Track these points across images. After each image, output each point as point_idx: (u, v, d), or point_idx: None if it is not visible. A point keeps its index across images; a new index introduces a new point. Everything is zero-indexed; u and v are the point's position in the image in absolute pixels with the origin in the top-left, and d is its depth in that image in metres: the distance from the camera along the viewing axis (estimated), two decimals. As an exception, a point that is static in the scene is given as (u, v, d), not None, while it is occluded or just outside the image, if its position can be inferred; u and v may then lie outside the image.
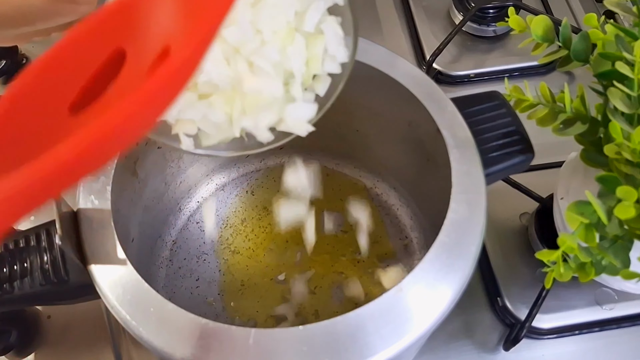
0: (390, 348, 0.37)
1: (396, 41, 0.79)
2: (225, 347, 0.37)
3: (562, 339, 0.58)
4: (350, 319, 0.38)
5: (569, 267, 0.42)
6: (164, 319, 0.38)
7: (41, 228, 0.42)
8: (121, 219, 0.45)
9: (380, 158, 0.60)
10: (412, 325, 0.38)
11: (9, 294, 0.41)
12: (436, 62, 0.75)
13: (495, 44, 0.78)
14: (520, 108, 0.48)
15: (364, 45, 0.50)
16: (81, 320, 0.58)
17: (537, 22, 0.47)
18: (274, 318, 0.56)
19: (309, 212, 0.53)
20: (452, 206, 0.42)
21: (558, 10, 0.81)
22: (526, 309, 0.57)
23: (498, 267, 0.60)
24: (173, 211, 0.62)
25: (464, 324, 0.59)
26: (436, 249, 0.41)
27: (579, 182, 0.51)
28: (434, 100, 0.48)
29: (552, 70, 0.76)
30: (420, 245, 0.60)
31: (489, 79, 0.76)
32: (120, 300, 0.39)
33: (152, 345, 0.38)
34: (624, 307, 0.58)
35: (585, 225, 0.41)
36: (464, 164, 0.45)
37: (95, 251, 0.41)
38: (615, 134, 0.40)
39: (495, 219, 0.62)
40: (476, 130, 0.47)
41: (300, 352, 0.37)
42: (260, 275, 0.59)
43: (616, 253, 0.42)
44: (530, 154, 0.48)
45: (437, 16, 0.80)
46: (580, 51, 0.47)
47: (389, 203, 0.63)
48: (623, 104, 0.41)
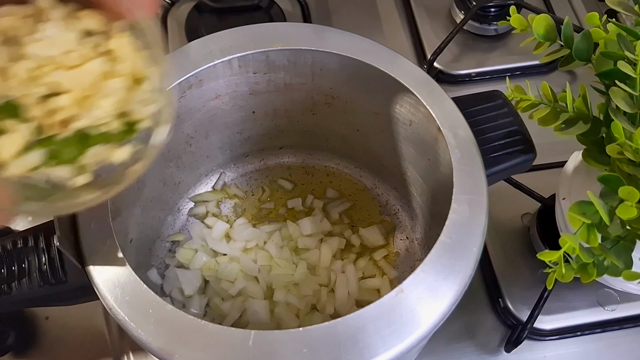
0: (391, 350, 0.37)
1: (397, 40, 0.79)
2: (224, 349, 0.37)
3: (564, 340, 0.58)
4: (350, 320, 0.37)
5: (571, 268, 0.42)
6: (163, 320, 0.38)
7: (39, 229, 0.42)
8: (119, 219, 0.44)
9: (381, 158, 0.60)
10: (413, 326, 0.38)
11: (7, 295, 0.41)
12: (437, 61, 0.74)
13: (496, 43, 0.78)
14: (522, 107, 0.48)
15: (364, 44, 0.50)
16: (79, 322, 0.58)
17: (539, 21, 0.47)
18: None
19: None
20: (453, 207, 0.42)
21: (560, 9, 0.80)
22: (528, 310, 0.56)
23: (499, 268, 0.60)
24: (172, 212, 0.62)
25: (465, 325, 0.58)
26: (437, 249, 0.40)
27: (581, 182, 0.51)
28: (435, 99, 0.47)
29: (554, 69, 0.76)
30: (421, 246, 0.60)
31: (491, 78, 0.75)
32: (119, 302, 0.39)
33: (150, 347, 0.37)
34: (626, 308, 0.58)
35: (587, 225, 0.40)
36: (465, 164, 0.44)
37: (94, 252, 0.41)
38: (618, 134, 0.40)
39: (497, 220, 0.62)
40: (477, 130, 0.47)
41: (300, 353, 0.36)
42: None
43: (618, 254, 0.42)
44: (532, 153, 0.48)
45: (438, 15, 0.80)
46: (582, 50, 0.46)
47: (390, 203, 0.63)
48: (625, 103, 0.41)
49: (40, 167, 0.32)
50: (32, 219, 0.52)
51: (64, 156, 0.33)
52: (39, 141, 0.32)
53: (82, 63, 0.31)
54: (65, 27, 0.31)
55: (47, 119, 0.31)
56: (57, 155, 0.33)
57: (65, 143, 0.32)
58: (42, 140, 0.32)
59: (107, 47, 0.32)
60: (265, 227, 0.61)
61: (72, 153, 0.33)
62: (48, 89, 0.31)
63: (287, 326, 0.55)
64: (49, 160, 0.32)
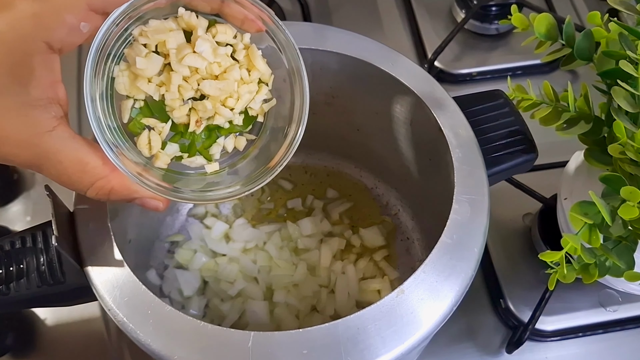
0: (392, 351, 0.37)
1: (397, 39, 0.78)
2: (224, 350, 0.36)
3: (566, 342, 0.57)
4: (351, 321, 0.37)
5: (573, 269, 0.42)
6: (162, 322, 0.37)
7: (37, 229, 0.42)
8: (118, 219, 0.44)
9: (382, 158, 0.60)
10: (414, 327, 0.37)
11: (5, 296, 0.40)
12: (438, 60, 0.74)
13: (497, 42, 0.77)
14: (523, 107, 0.48)
15: (364, 43, 0.50)
16: (78, 323, 0.57)
17: (540, 20, 0.47)
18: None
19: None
20: (454, 207, 0.42)
21: (561, 8, 0.80)
22: (529, 311, 0.56)
23: (501, 269, 0.60)
24: (171, 212, 0.61)
25: (466, 326, 0.58)
26: (438, 250, 0.40)
27: (583, 182, 0.51)
28: (435, 99, 0.47)
29: (556, 68, 0.75)
30: (422, 247, 0.60)
31: (492, 78, 0.75)
32: (117, 303, 0.38)
33: (149, 348, 0.37)
34: (628, 308, 0.58)
35: (589, 225, 0.40)
36: (467, 164, 0.44)
37: (92, 252, 0.41)
38: (619, 133, 0.40)
39: (498, 220, 0.62)
40: (479, 130, 0.46)
41: (300, 355, 0.36)
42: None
43: (620, 254, 0.42)
44: (533, 153, 0.47)
45: (439, 14, 0.80)
46: (583, 49, 0.46)
47: (390, 203, 0.63)
48: (627, 102, 0.41)
49: (180, 157, 0.39)
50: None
51: (198, 147, 0.39)
52: (173, 136, 0.39)
53: (222, 72, 0.37)
54: (209, 41, 0.36)
55: (184, 117, 0.38)
56: (191, 147, 0.39)
57: (198, 137, 0.39)
58: (175, 135, 0.39)
59: (239, 55, 0.38)
60: (264, 227, 0.61)
61: (205, 144, 0.39)
62: (195, 94, 0.37)
63: (287, 327, 0.55)
64: (185, 151, 0.39)
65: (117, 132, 0.37)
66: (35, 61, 0.32)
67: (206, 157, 0.40)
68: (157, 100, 0.37)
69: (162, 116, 0.38)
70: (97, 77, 0.35)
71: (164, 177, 0.38)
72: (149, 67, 0.36)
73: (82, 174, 0.35)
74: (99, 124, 0.35)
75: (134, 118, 0.37)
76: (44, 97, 0.33)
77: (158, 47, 0.36)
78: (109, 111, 0.36)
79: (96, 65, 0.34)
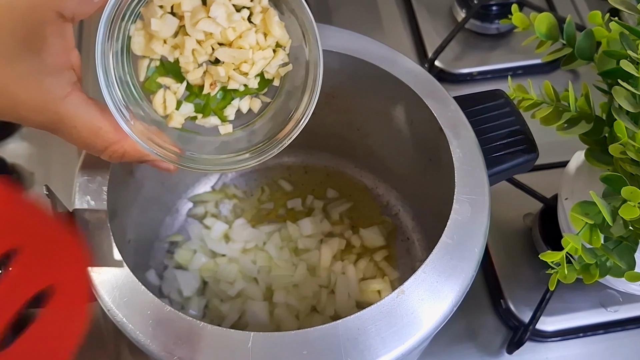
0: (392, 352, 0.36)
1: (397, 38, 0.78)
2: (223, 351, 0.36)
3: (566, 342, 0.57)
4: (351, 321, 0.37)
5: (573, 269, 0.42)
6: (161, 322, 0.37)
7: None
8: (117, 220, 0.44)
9: (382, 158, 0.60)
10: (414, 328, 0.37)
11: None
12: (438, 60, 0.74)
13: (498, 42, 0.77)
14: (524, 107, 0.48)
15: (365, 42, 0.50)
16: (77, 323, 0.57)
17: (541, 20, 0.47)
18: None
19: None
20: (454, 207, 0.42)
21: (562, 8, 0.80)
22: (530, 312, 0.56)
23: (501, 269, 0.60)
24: (170, 212, 0.61)
25: (466, 326, 0.58)
26: (438, 250, 0.40)
27: (584, 182, 0.51)
28: (436, 98, 0.47)
29: (556, 68, 0.75)
30: (422, 247, 0.60)
31: (492, 77, 0.75)
32: (117, 303, 0.38)
33: (148, 349, 0.37)
34: (629, 309, 0.58)
35: (590, 226, 0.40)
36: (467, 164, 0.44)
37: (91, 252, 0.40)
38: (620, 133, 0.40)
39: (499, 220, 0.62)
40: (479, 130, 0.46)
41: (300, 355, 0.36)
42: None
43: (621, 254, 0.42)
44: (534, 153, 0.47)
45: (439, 13, 0.80)
46: (584, 49, 0.46)
47: (391, 203, 0.63)
48: (628, 102, 0.40)
49: (195, 117, 0.39)
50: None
51: (212, 107, 0.39)
52: (187, 97, 0.39)
53: (237, 37, 0.36)
54: (224, 5, 0.35)
55: (198, 80, 0.38)
56: (206, 107, 0.39)
57: (213, 98, 0.39)
58: (190, 95, 0.39)
59: (256, 19, 0.37)
60: (264, 227, 0.61)
61: (219, 105, 0.39)
62: (210, 57, 0.37)
63: (286, 328, 0.54)
64: (200, 111, 0.39)
65: (135, 89, 0.37)
66: (47, 30, 0.33)
67: (220, 118, 0.40)
68: (172, 61, 0.37)
69: (177, 77, 0.38)
70: (112, 38, 0.35)
71: (179, 137, 0.39)
72: (163, 28, 0.36)
73: (95, 138, 0.36)
74: (109, 91, 0.35)
75: (150, 77, 0.37)
76: (57, 64, 0.34)
77: (174, 8, 0.36)
78: (127, 69, 0.36)
79: (110, 26, 0.34)
